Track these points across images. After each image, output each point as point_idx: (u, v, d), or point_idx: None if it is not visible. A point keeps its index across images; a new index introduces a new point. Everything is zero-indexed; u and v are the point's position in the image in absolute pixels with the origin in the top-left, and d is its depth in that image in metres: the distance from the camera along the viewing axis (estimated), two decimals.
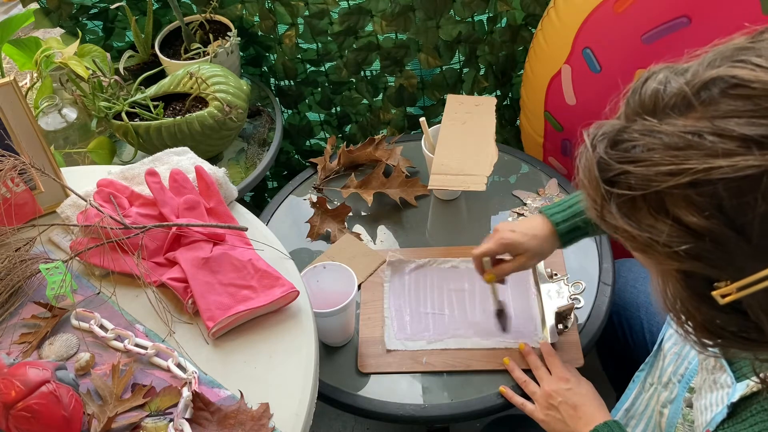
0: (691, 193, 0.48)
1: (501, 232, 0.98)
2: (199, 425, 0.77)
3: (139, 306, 0.91)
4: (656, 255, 0.52)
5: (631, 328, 1.13)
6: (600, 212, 0.54)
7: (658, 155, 0.49)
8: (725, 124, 0.47)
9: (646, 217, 0.51)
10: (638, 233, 0.51)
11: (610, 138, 0.53)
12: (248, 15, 1.54)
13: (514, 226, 0.98)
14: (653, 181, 0.49)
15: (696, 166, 0.47)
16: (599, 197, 0.53)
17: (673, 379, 0.84)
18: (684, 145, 0.48)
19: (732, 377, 0.70)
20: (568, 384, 0.94)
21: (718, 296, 0.51)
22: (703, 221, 0.48)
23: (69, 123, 1.43)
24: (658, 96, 0.51)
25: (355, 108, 1.66)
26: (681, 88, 0.50)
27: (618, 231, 0.54)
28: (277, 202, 1.34)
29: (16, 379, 0.74)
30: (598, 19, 1.21)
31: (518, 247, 0.96)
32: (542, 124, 1.45)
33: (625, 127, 0.52)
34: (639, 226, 0.51)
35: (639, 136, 0.51)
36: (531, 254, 0.96)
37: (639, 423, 0.90)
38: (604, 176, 0.52)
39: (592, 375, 0.98)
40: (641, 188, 0.50)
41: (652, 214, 0.50)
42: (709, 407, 0.72)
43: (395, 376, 1.05)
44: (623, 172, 0.51)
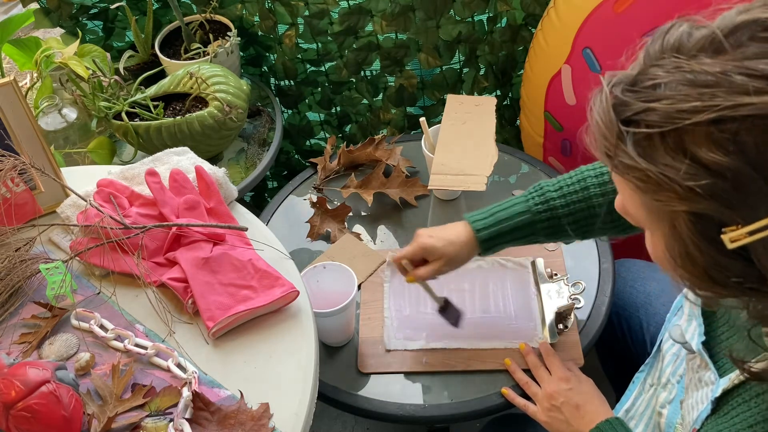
0: (713, 130, 0.47)
1: (420, 237, 0.98)
2: (199, 425, 0.77)
3: (139, 306, 0.91)
4: (668, 195, 0.51)
5: (630, 328, 1.13)
6: (613, 152, 0.53)
7: (684, 92, 0.49)
8: (755, 64, 0.47)
9: (663, 156, 0.50)
10: (653, 171, 0.51)
11: (629, 80, 0.52)
12: (248, 15, 1.54)
13: (433, 231, 0.98)
14: (675, 118, 0.48)
15: (723, 103, 0.47)
16: (613, 137, 0.53)
17: (671, 380, 0.84)
18: (712, 83, 0.48)
19: (715, 374, 0.70)
20: (569, 384, 0.94)
21: (727, 240, 0.50)
22: (724, 158, 0.47)
23: (69, 123, 1.43)
24: (684, 40, 0.51)
25: (355, 108, 1.66)
26: (712, 31, 0.50)
27: (631, 170, 0.53)
28: (277, 202, 1.34)
29: (16, 379, 0.74)
30: (598, 19, 1.21)
31: (434, 252, 0.96)
32: (542, 124, 1.45)
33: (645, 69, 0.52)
34: (655, 164, 0.50)
35: (663, 74, 0.50)
36: (446, 260, 0.96)
37: (639, 423, 0.90)
38: (621, 116, 0.52)
39: (592, 375, 0.98)
40: (661, 125, 0.49)
41: (669, 152, 0.50)
42: (696, 405, 0.72)
43: (395, 376, 1.05)
44: (644, 110, 0.50)
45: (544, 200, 0.93)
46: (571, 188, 0.92)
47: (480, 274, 1.16)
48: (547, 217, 0.93)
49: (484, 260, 1.17)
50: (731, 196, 0.49)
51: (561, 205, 0.92)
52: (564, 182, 0.94)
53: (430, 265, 0.98)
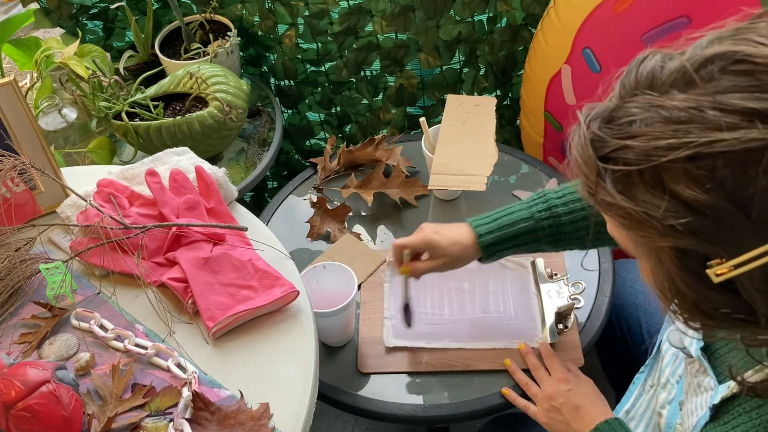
0: (690, 167, 0.47)
1: (426, 230, 0.97)
2: (199, 425, 0.77)
3: (139, 306, 0.91)
4: (650, 232, 0.51)
5: (630, 328, 1.13)
6: (594, 189, 0.53)
7: (658, 129, 0.49)
8: (727, 99, 0.47)
9: (643, 193, 0.50)
10: (634, 209, 0.51)
11: (605, 115, 0.52)
12: (248, 15, 1.54)
13: (438, 228, 0.97)
14: (651, 156, 0.48)
15: (697, 140, 0.47)
16: (593, 174, 0.53)
17: (671, 380, 0.84)
18: (685, 119, 0.48)
19: (714, 380, 0.70)
20: (568, 385, 0.94)
21: (713, 274, 0.50)
22: (702, 195, 0.47)
23: (69, 123, 1.43)
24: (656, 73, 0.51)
25: (355, 108, 1.66)
26: (681, 64, 0.50)
27: (612, 208, 0.53)
28: (277, 202, 1.34)
29: (16, 379, 0.74)
30: (598, 19, 1.21)
31: (439, 249, 0.95)
32: (542, 124, 1.45)
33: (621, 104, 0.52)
34: (635, 201, 0.50)
35: (638, 111, 0.50)
36: (450, 259, 0.96)
37: (639, 424, 0.90)
38: (599, 153, 0.52)
39: (592, 375, 0.98)
40: (638, 163, 0.49)
41: (648, 189, 0.50)
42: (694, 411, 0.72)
43: (395, 376, 1.05)
44: (620, 147, 0.50)
45: (547, 207, 0.93)
46: (574, 196, 0.92)
47: (480, 274, 1.16)
48: (549, 224, 0.92)
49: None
50: (713, 231, 0.49)
51: (564, 212, 0.91)
52: (568, 190, 0.93)
53: (431, 262, 0.97)
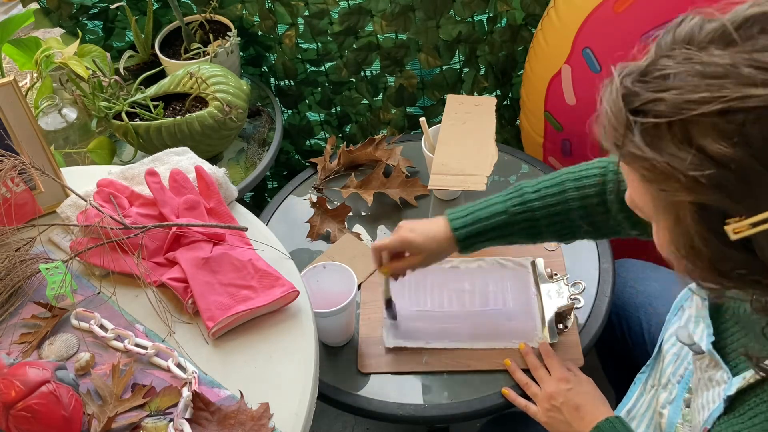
0: (720, 121, 0.48)
1: (402, 229, 0.98)
2: (199, 425, 0.77)
3: (139, 306, 0.91)
4: (673, 185, 0.52)
5: (630, 328, 1.13)
6: (621, 142, 0.54)
7: (692, 83, 0.49)
8: (764, 57, 0.48)
9: (669, 146, 0.50)
10: (659, 160, 0.51)
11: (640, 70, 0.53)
12: (248, 15, 1.54)
13: (414, 225, 0.98)
14: (683, 108, 0.49)
15: (730, 94, 0.47)
16: (622, 127, 0.53)
17: (672, 380, 0.84)
18: (720, 74, 0.48)
19: (728, 372, 0.70)
20: (568, 384, 0.94)
21: (731, 231, 0.51)
22: (729, 150, 0.48)
23: (69, 123, 1.43)
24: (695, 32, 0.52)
25: (355, 108, 1.66)
26: (721, 23, 0.51)
27: (637, 160, 0.53)
28: (277, 202, 1.34)
29: (16, 379, 0.74)
30: (598, 19, 1.21)
31: (415, 246, 0.96)
32: (542, 124, 1.45)
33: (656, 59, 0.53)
34: (661, 153, 0.51)
35: (673, 64, 0.51)
36: (427, 255, 0.97)
37: (640, 424, 0.90)
38: (630, 106, 0.52)
39: (592, 375, 0.98)
40: (668, 115, 0.50)
41: (675, 142, 0.50)
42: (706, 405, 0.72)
43: (395, 376, 1.05)
44: (653, 100, 0.51)
45: (521, 201, 0.93)
46: (549, 190, 0.92)
47: (480, 274, 1.16)
48: (524, 218, 0.93)
49: (484, 260, 1.17)
50: (735, 187, 0.49)
51: (538, 207, 0.92)
52: (543, 184, 0.93)
53: (408, 260, 0.99)
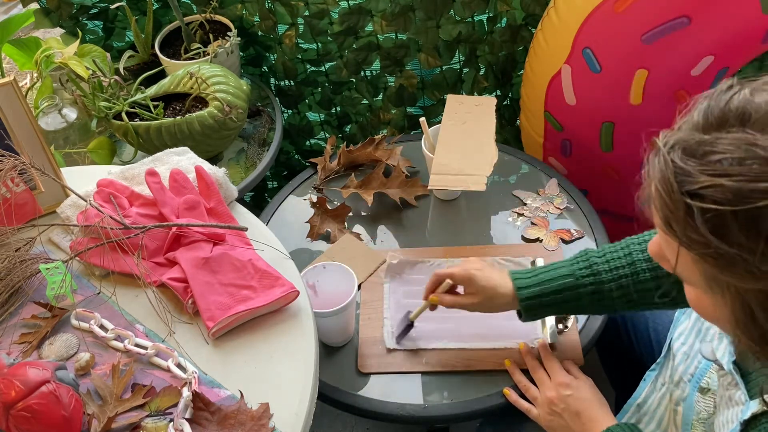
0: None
1: (471, 263, 0.96)
2: (199, 425, 0.77)
3: (139, 306, 0.91)
4: (741, 273, 0.50)
5: (635, 327, 1.13)
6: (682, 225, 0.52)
7: (756, 170, 0.47)
8: None
9: (737, 235, 0.49)
10: (727, 250, 0.49)
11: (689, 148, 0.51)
12: (248, 15, 1.54)
13: (484, 266, 0.96)
14: (748, 198, 0.47)
15: None
16: (680, 210, 0.51)
17: (684, 378, 0.84)
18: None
19: (746, 395, 0.70)
20: (568, 389, 0.94)
21: None
22: None
23: (69, 123, 1.43)
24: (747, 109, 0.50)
25: (355, 108, 1.66)
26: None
27: (698, 246, 0.51)
28: (277, 202, 1.34)
29: (16, 379, 0.74)
30: (598, 19, 1.21)
31: (476, 286, 0.94)
32: (542, 124, 1.45)
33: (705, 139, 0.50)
34: (728, 242, 0.49)
35: (730, 148, 0.49)
36: (481, 300, 0.94)
37: (652, 420, 0.90)
38: (685, 188, 0.50)
39: (592, 375, 0.98)
40: (732, 203, 0.48)
41: (743, 231, 0.48)
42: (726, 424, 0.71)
43: (395, 376, 1.05)
44: (712, 185, 0.49)
45: (588, 265, 0.90)
46: (615, 255, 0.90)
47: None
48: (590, 282, 0.90)
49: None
50: None
51: (605, 270, 0.89)
52: (608, 250, 0.91)
53: (463, 298, 0.96)
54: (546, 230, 1.22)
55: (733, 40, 1.16)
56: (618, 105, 1.27)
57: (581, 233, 1.21)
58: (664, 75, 1.21)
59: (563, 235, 1.20)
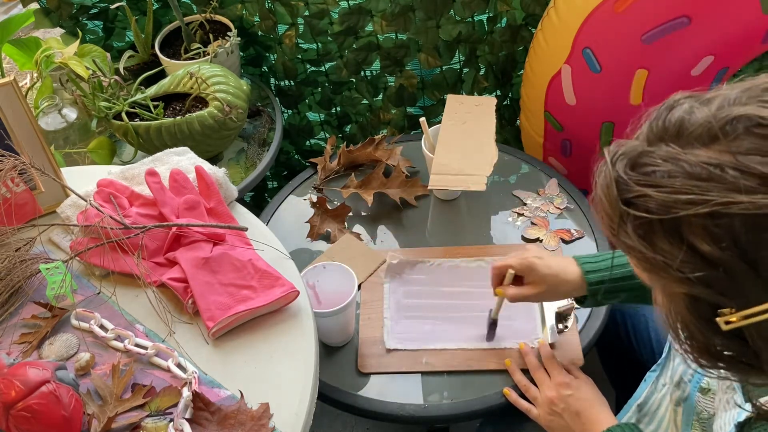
0: (708, 224, 0.49)
1: (529, 251, 0.96)
2: (199, 425, 0.77)
3: (139, 306, 0.91)
4: (666, 277, 0.54)
5: (635, 327, 1.13)
6: (616, 230, 0.55)
7: (679, 183, 0.50)
8: (748, 161, 0.49)
9: (662, 241, 0.52)
10: (652, 255, 0.53)
11: (631, 159, 0.54)
12: (248, 15, 1.54)
13: (543, 254, 0.95)
14: (672, 208, 0.50)
15: (716, 198, 0.49)
16: (616, 216, 0.55)
17: (684, 378, 0.84)
18: (706, 176, 0.50)
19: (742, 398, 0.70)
20: (568, 390, 0.94)
21: (722, 322, 0.53)
22: (718, 252, 0.50)
23: (69, 123, 1.43)
24: (683, 124, 0.53)
25: (355, 108, 1.66)
26: (707, 119, 0.51)
27: (631, 251, 0.55)
28: (277, 202, 1.34)
29: (16, 379, 0.74)
30: (598, 19, 1.21)
31: (535, 274, 0.93)
32: (542, 124, 1.45)
33: (647, 150, 0.53)
34: (653, 248, 0.53)
35: (661, 162, 0.52)
36: (545, 288, 0.93)
37: (652, 420, 0.90)
38: (622, 196, 0.53)
39: (592, 375, 0.98)
40: (659, 213, 0.51)
41: (667, 238, 0.52)
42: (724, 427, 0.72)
43: (395, 376, 1.05)
44: (643, 195, 0.52)
45: None
46: None
47: (480, 274, 1.16)
48: None
49: (484, 260, 1.17)
50: (725, 285, 0.51)
51: None
52: None
53: (527, 289, 0.95)
54: (546, 230, 1.22)
55: (733, 40, 1.16)
56: (618, 105, 1.27)
57: (581, 233, 1.21)
58: (664, 75, 1.21)
59: (563, 235, 1.20)
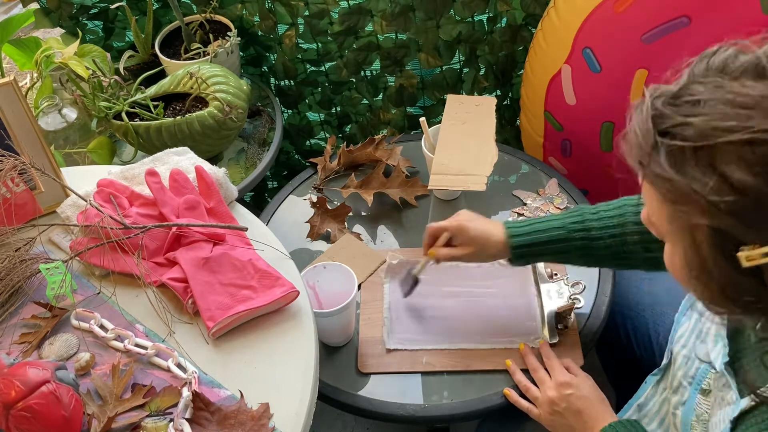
0: (744, 151, 0.50)
1: (461, 216, 1.01)
2: (199, 425, 0.77)
3: (139, 306, 0.91)
4: (692, 207, 0.53)
5: (636, 328, 1.13)
6: (647, 160, 0.55)
7: (721, 110, 0.51)
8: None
9: (693, 169, 0.52)
10: (680, 181, 0.53)
11: (672, 93, 0.55)
12: (248, 15, 1.54)
13: (474, 218, 1.01)
14: (710, 135, 0.51)
15: (758, 125, 0.49)
16: (648, 146, 0.55)
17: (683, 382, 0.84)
18: (751, 104, 0.50)
19: (737, 394, 0.70)
20: (569, 389, 0.94)
21: (743, 258, 0.52)
22: (751, 179, 0.50)
23: (69, 123, 1.43)
24: (729, 61, 0.54)
25: (355, 108, 1.66)
26: (758, 56, 0.52)
27: (659, 180, 0.55)
28: (277, 202, 1.34)
29: (16, 379, 0.74)
30: (598, 19, 1.21)
31: (468, 237, 0.98)
32: (542, 124, 1.45)
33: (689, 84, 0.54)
34: (684, 175, 0.53)
35: (704, 90, 0.52)
36: (475, 250, 0.98)
37: (651, 422, 0.90)
38: (658, 127, 0.54)
39: (592, 375, 0.98)
40: (695, 140, 0.51)
41: (699, 166, 0.52)
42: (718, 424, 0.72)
43: (395, 376, 1.05)
44: (681, 124, 0.52)
45: (580, 219, 0.94)
46: (608, 213, 0.93)
47: (480, 274, 1.16)
48: (581, 237, 0.94)
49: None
50: (752, 215, 0.51)
51: (596, 227, 0.93)
52: (603, 207, 0.95)
53: (456, 250, 1.00)
54: None
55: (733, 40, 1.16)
56: (618, 105, 1.27)
57: None
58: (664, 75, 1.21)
59: None
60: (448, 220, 1.01)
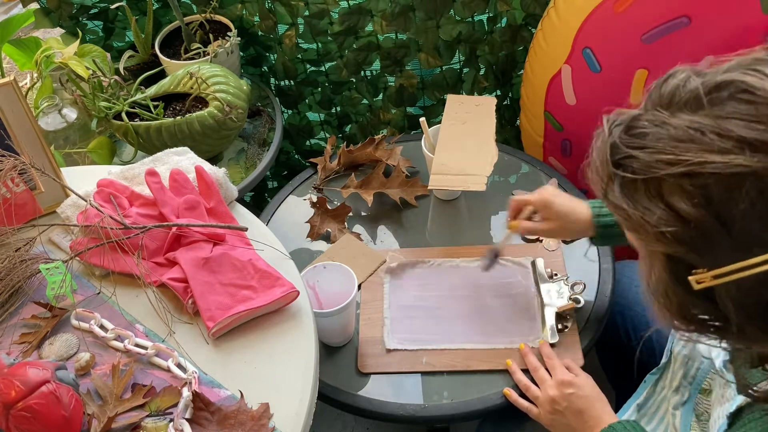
0: (684, 183, 0.52)
1: (546, 191, 1.02)
2: (199, 425, 0.77)
3: (139, 306, 0.91)
4: (647, 236, 0.56)
5: (635, 327, 1.13)
6: (605, 190, 0.59)
7: (662, 144, 0.53)
8: (726, 124, 0.51)
9: (643, 199, 0.55)
10: (633, 212, 0.56)
11: (626, 124, 0.57)
12: (248, 15, 1.54)
13: (560, 193, 1.02)
14: (653, 168, 0.54)
15: (692, 159, 0.52)
16: (606, 176, 0.58)
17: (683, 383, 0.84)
18: (686, 138, 0.52)
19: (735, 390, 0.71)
20: (570, 388, 0.94)
21: (694, 281, 0.55)
22: (692, 209, 0.52)
23: (69, 123, 1.43)
24: (676, 92, 0.56)
25: (355, 108, 1.66)
26: (696, 87, 0.54)
27: (617, 210, 0.58)
28: (277, 202, 1.34)
29: (16, 379, 0.74)
30: (598, 19, 1.21)
31: (553, 211, 1.00)
32: (542, 124, 1.45)
33: (639, 115, 0.57)
34: (635, 206, 0.56)
35: (649, 125, 0.55)
36: (559, 226, 1.00)
37: (651, 421, 0.91)
38: (613, 158, 0.57)
39: (592, 375, 0.98)
40: (642, 173, 0.54)
41: (648, 197, 0.55)
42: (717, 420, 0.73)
43: (395, 376, 1.05)
44: (630, 156, 0.55)
45: None
46: None
47: (480, 273, 1.16)
48: None
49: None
50: (698, 242, 0.54)
51: None
52: None
53: (539, 224, 1.02)
54: None
55: (733, 40, 1.16)
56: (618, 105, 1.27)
57: None
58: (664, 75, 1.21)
59: None
60: (533, 194, 1.02)
